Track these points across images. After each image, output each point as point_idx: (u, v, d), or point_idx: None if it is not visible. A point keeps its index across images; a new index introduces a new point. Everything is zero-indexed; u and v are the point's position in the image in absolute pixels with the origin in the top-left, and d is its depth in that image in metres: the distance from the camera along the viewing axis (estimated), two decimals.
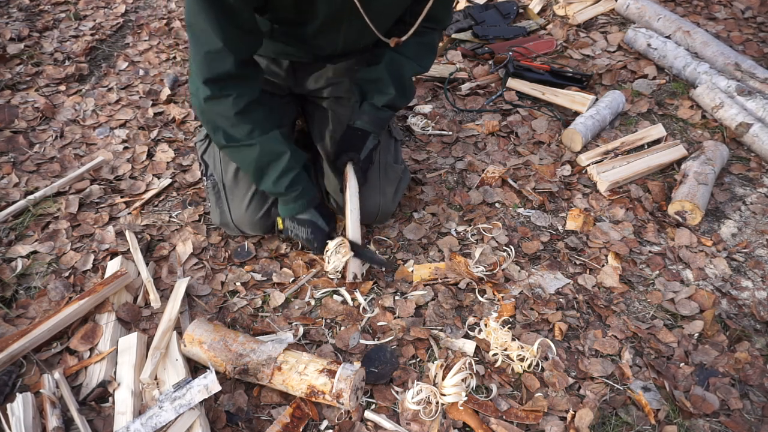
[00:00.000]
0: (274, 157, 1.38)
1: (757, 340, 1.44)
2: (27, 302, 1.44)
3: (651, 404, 1.28)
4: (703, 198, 1.74)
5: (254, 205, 1.53)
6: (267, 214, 1.55)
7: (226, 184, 1.56)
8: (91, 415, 1.20)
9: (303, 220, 1.48)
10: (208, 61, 1.24)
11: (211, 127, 1.35)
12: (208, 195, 1.60)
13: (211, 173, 1.59)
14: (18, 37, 2.50)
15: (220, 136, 1.34)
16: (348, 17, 1.37)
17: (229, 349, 1.24)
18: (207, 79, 1.26)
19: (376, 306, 1.48)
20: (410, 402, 1.23)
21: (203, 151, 1.61)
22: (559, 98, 2.22)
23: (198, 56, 1.24)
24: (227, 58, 1.24)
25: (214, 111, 1.31)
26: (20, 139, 1.97)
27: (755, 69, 2.23)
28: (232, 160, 1.52)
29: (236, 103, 1.30)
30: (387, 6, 1.39)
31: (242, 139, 1.34)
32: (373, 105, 1.54)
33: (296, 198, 1.44)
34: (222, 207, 1.56)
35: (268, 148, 1.37)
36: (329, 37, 1.45)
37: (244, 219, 1.54)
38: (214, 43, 1.21)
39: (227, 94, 1.29)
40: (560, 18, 2.79)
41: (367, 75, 1.55)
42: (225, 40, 1.21)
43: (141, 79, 2.35)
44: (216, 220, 1.59)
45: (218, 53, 1.23)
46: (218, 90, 1.28)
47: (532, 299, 1.50)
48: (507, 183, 1.88)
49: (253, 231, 1.58)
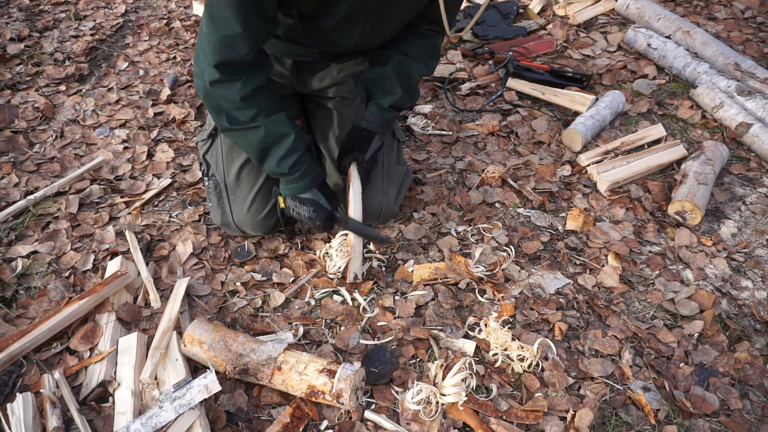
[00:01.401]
0: (278, 139, 1.36)
1: (757, 340, 1.44)
2: (27, 302, 1.44)
3: (651, 404, 1.28)
4: (703, 198, 1.74)
5: (256, 205, 1.53)
6: (269, 215, 1.54)
7: (228, 184, 1.56)
8: (91, 415, 1.20)
9: (305, 199, 1.45)
10: (224, 46, 1.21)
11: (214, 109, 1.33)
12: (210, 195, 1.59)
13: (213, 173, 1.59)
14: (18, 37, 2.50)
15: (224, 118, 1.32)
16: (366, 15, 1.37)
17: (229, 349, 1.24)
18: (219, 63, 1.23)
19: (376, 306, 1.48)
20: (410, 402, 1.23)
21: (205, 151, 1.61)
22: (559, 98, 2.22)
23: (213, 39, 1.21)
24: (244, 46, 1.22)
25: (219, 94, 1.28)
26: (20, 139, 1.97)
27: (755, 69, 2.23)
28: (234, 142, 1.50)
29: (243, 88, 1.28)
30: (404, 6, 1.40)
31: (246, 122, 1.32)
32: (379, 105, 1.54)
33: (299, 177, 1.42)
34: (224, 207, 1.56)
35: (273, 130, 1.35)
36: (344, 33, 1.45)
37: (246, 219, 1.54)
38: (233, 28, 1.19)
39: (236, 79, 1.27)
40: (560, 18, 2.79)
41: (374, 75, 1.55)
42: (245, 27, 1.19)
43: (141, 79, 2.35)
44: (217, 221, 1.59)
45: (236, 38, 1.20)
46: (227, 74, 1.25)
47: (532, 299, 1.50)
48: (507, 183, 1.88)
49: (255, 231, 1.58)
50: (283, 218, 1.57)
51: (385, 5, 1.36)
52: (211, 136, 1.61)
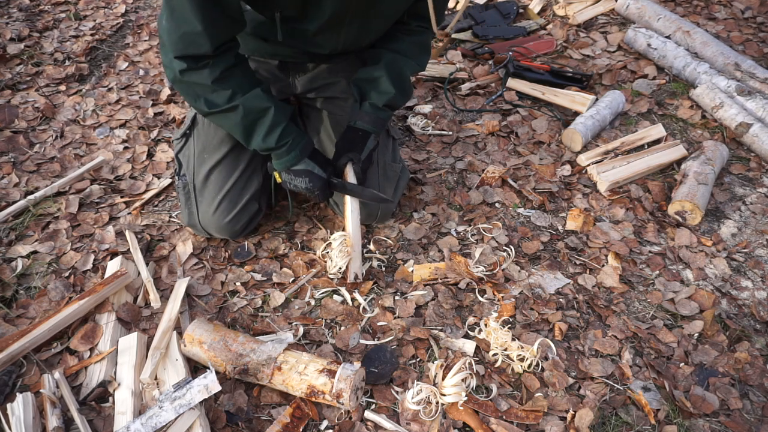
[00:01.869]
0: (259, 114, 1.34)
1: (757, 340, 1.44)
2: (27, 302, 1.44)
3: (651, 404, 1.28)
4: (703, 198, 1.74)
5: (222, 208, 1.52)
6: (235, 220, 1.54)
7: (197, 185, 1.55)
8: (91, 415, 1.20)
9: (299, 170, 1.44)
10: (184, 42, 1.19)
11: (190, 96, 1.31)
12: (179, 194, 1.59)
13: (184, 173, 1.58)
14: (18, 37, 2.50)
15: (202, 103, 1.30)
16: (351, 17, 1.36)
17: (229, 349, 1.24)
18: (180, 56, 1.22)
19: (376, 306, 1.48)
20: (410, 402, 1.23)
21: (179, 149, 1.60)
22: (559, 98, 2.22)
23: (173, 34, 1.19)
24: (205, 43, 1.19)
25: (190, 80, 1.26)
26: (20, 139, 1.97)
27: (755, 69, 2.23)
28: (217, 125, 1.48)
29: (212, 72, 1.25)
30: (391, 6, 1.39)
31: (223, 104, 1.30)
32: (374, 105, 1.54)
33: (289, 150, 1.40)
34: (191, 208, 1.56)
35: (252, 106, 1.32)
36: (329, 36, 1.44)
37: (211, 222, 1.53)
38: (193, 25, 1.16)
39: (203, 65, 1.24)
40: (560, 18, 2.79)
41: (367, 74, 1.55)
42: (205, 26, 1.17)
43: (141, 79, 2.35)
44: (184, 221, 1.59)
45: (196, 36, 1.18)
46: (193, 63, 1.23)
47: (532, 299, 1.50)
48: (507, 183, 1.88)
49: (220, 234, 1.57)
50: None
51: (371, 7, 1.34)
52: (185, 135, 1.59)
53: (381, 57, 1.53)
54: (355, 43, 1.52)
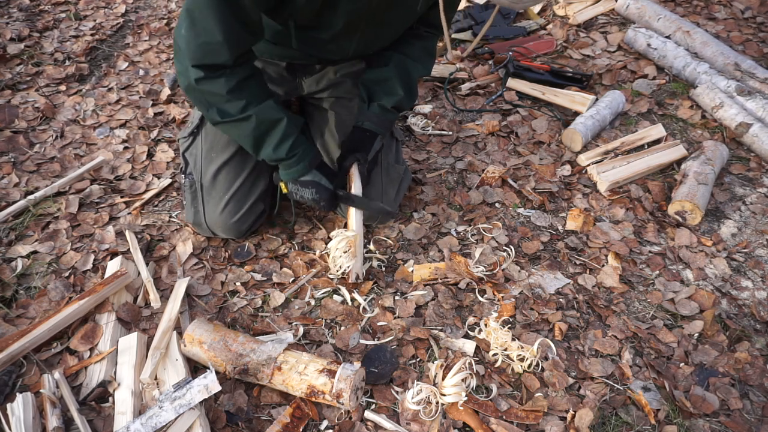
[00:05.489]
0: (271, 125, 1.35)
1: (757, 340, 1.44)
2: (27, 302, 1.44)
3: (651, 404, 1.28)
4: (703, 198, 1.74)
5: (230, 208, 1.52)
6: (242, 219, 1.54)
7: (204, 184, 1.55)
8: (91, 415, 1.20)
9: (306, 181, 1.44)
10: (204, 51, 1.20)
11: (203, 105, 1.31)
12: (185, 193, 1.58)
13: (191, 171, 1.58)
14: (18, 37, 2.50)
15: (214, 113, 1.30)
16: (365, 26, 1.37)
17: (229, 349, 1.24)
18: (197, 65, 1.22)
19: (376, 306, 1.48)
20: (410, 402, 1.23)
21: (186, 148, 1.60)
22: (559, 98, 2.22)
23: (192, 43, 1.20)
24: (224, 53, 1.21)
25: (205, 90, 1.27)
26: (20, 139, 1.97)
27: (755, 69, 2.23)
28: (227, 134, 1.49)
29: (228, 81, 1.26)
30: (404, 16, 1.40)
31: (236, 113, 1.30)
32: (382, 106, 1.54)
33: (297, 161, 1.41)
34: (197, 207, 1.56)
35: (265, 117, 1.33)
36: (342, 44, 1.45)
37: (217, 221, 1.53)
38: (213, 36, 1.18)
39: (219, 75, 1.25)
40: (560, 18, 2.79)
41: (375, 76, 1.55)
42: (226, 37, 1.18)
43: (141, 79, 2.35)
44: (189, 219, 1.59)
45: (216, 46, 1.19)
46: (210, 72, 1.24)
47: (532, 299, 1.50)
48: (507, 183, 1.88)
49: (226, 234, 1.58)
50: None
51: (385, 16, 1.35)
52: (192, 134, 1.59)
53: (390, 59, 1.54)
54: (366, 50, 1.53)
